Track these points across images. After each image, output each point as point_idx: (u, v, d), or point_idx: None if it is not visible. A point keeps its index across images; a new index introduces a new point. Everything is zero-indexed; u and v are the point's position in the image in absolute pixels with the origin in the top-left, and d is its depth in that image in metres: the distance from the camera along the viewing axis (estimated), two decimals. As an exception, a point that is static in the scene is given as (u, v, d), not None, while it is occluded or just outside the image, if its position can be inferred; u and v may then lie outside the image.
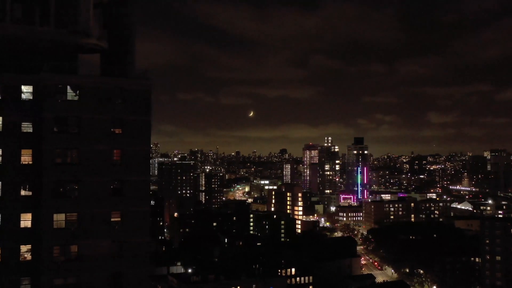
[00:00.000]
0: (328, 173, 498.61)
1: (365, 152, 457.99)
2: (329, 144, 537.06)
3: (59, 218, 45.38)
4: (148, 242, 49.33)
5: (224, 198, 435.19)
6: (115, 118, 47.42)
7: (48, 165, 44.95)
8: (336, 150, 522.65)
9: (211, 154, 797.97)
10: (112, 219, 47.14)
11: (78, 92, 46.50)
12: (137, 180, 48.27)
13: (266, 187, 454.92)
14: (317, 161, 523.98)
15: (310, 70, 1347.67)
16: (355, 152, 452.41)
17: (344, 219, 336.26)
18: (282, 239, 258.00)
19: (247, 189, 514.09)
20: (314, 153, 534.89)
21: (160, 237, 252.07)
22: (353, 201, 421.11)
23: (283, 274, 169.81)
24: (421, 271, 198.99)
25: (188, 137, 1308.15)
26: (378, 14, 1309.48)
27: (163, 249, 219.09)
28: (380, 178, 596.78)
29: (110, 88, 47.64)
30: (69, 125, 45.83)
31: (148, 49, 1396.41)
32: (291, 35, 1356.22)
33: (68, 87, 46.41)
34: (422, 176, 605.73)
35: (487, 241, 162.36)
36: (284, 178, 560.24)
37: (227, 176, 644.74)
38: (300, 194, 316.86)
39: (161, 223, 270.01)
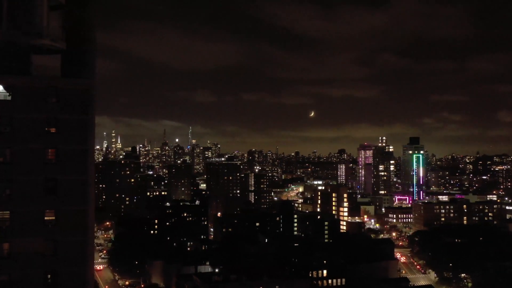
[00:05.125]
0: (383, 173, 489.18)
1: (421, 152, 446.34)
2: (384, 144, 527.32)
3: (-9, 216, 46.11)
4: (85, 241, 49.24)
5: (276, 198, 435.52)
6: (50, 117, 47.76)
7: (-20, 164, 45.76)
8: (390, 150, 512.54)
9: (269, 155, 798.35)
10: (46, 218, 47.47)
11: (11, 92, 47.06)
12: (73, 179, 48.42)
13: (320, 188, 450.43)
14: (371, 161, 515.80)
15: (376, 69, 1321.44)
16: (410, 152, 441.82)
17: (394, 220, 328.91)
18: (326, 240, 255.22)
19: (301, 189, 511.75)
20: (369, 153, 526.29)
21: (202, 236, 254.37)
22: (408, 202, 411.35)
23: (314, 276, 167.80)
24: (463, 275, 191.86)
25: (250, 138, 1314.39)
26: (448, 10, 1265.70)
27: (203, 248, 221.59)
28: (440, 179, 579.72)
29: (44, 88, 48.06)
30: (1, 125, 46.46)
31: (213, 50, 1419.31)
32: (358, 33, 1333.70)
33: (1, 87, 47.04)
34: (485, 177, 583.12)
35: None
36: (339, 178, 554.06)
37: (283, 176, 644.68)
38: (345, 195, 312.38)
39: (205, 223, 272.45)
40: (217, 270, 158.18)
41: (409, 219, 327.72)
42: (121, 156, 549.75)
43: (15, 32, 53.01)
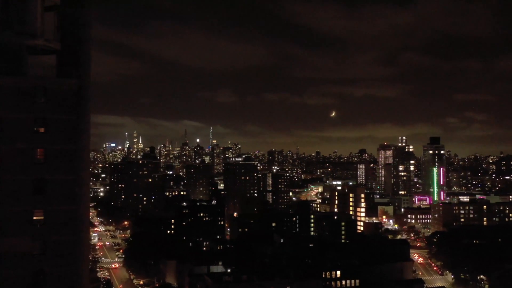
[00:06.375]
0: (403, 173, 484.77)
1: (441, 152, 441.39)
2: (403, 144, 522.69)
3: (-21, 215, 46.33)
4: (75, 240, 49.27)
5: (295, 199, 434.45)
6: (38, 117, 47.87)
7: (-32, 164, 46.03)
8: (411, 150, 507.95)
9: (290, 155, 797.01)
10: (34, 218, 47.58)
11: (-1, 92, 47.32)
12: (62, 179, 48.46)
13: (339, 188, 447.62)
14: (391, 162, 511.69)
15: (400, 68, 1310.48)
16: (430, 152, 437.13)
17: (413, 221, 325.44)
18: (343, 240, 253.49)
19: (320, 189, 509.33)
20: (389, 153, 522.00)
21: (218, 236, 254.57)
22: (429, 202, 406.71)
23: (328, 276, 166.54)
24: (481, 277, 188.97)
25: (271, 138, 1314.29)
26: (474, 7, 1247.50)
27: (218, 248, 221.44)
28: (461, 179, 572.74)
29: (32, 88, 48.18)
30: (-11, 125, 46.71)
31: (235, 50, 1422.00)
32: (381, 32, 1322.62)
33: (-11, 87, 47.30)
34: (508, 178, 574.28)
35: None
36: (359, 178, 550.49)
37: (303, 177, 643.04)
38: (362, 195, 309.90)
39: (221, 222, 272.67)
40: (229, 270, 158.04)
41: (428, 220, 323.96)
42: (139, 156, 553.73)
43: (8, 33, 53.36)
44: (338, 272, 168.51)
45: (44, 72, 57.89)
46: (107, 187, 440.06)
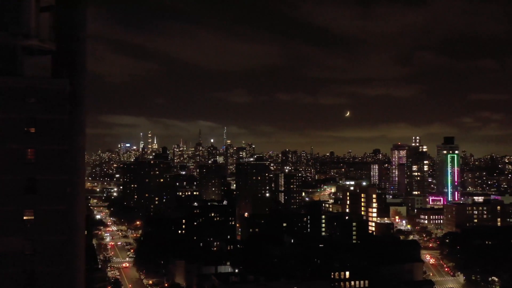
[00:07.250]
0: (416, 173, 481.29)
1: (456, 152, 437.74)
2: (417, 144, 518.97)
3: (-30, 215, 46.64)
4: (67, 241, 49.39)
5: (307, 199, 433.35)
6: (29, 117, 48.09)
7: (-41, 164, 46.34)
8: (424, 150, 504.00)
9: (303, 155, 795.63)
10: (24, 217, 47.78)
11: (-10, 92, 47.59)
12: (53, 179, 48.65)
13: (351, 188, 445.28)
14: (405, 162, 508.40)
15: (414, 68, 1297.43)
16: (444, 152, 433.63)
17: (426, 221, 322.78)
18: (354, 241, 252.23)
19: (333, 189, 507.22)
20: (403, 153, 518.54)
21: (228, 236, 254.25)
22: (443, 203, 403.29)
23: (336, 277, 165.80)
24: (492, 278, 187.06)
25: (285, 138, 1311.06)
26: (489, 6, 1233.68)
27: (228, 248, 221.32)
28: (477, 180, 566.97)
29: (23, 88, 48.38)
30: (-20, 125, 46.99)
31: (249, 50, 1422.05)
32: (396, 32, 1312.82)
33: (-20, 88, 47.59)
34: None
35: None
36: (372, 178, 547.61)
37: (317, 177, 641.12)
38: (374, 195, 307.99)
39: (232, 223, 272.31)
40: (236, 271, 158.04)
41: (441, 220, 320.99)
42: (150, 157, 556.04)
43: (3, 33, 53.71)
44: (347, 273, 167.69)
45: (41, 73, 58.53)
46: (121, 187, 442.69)
